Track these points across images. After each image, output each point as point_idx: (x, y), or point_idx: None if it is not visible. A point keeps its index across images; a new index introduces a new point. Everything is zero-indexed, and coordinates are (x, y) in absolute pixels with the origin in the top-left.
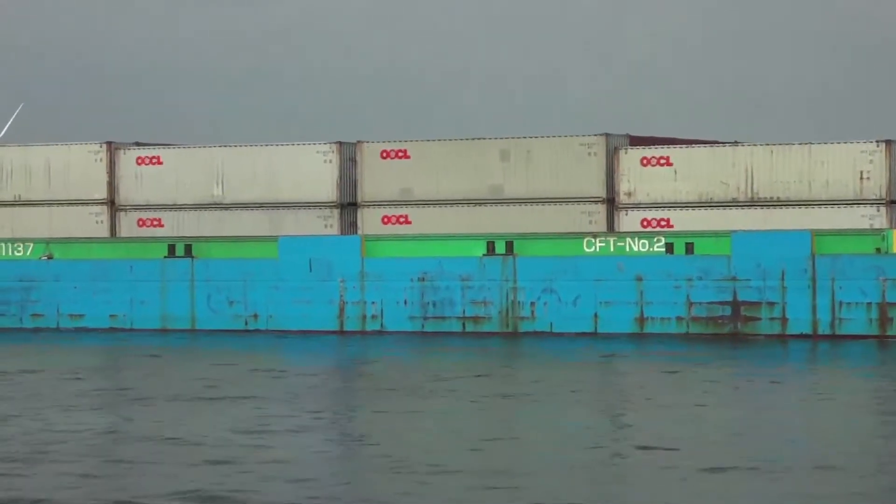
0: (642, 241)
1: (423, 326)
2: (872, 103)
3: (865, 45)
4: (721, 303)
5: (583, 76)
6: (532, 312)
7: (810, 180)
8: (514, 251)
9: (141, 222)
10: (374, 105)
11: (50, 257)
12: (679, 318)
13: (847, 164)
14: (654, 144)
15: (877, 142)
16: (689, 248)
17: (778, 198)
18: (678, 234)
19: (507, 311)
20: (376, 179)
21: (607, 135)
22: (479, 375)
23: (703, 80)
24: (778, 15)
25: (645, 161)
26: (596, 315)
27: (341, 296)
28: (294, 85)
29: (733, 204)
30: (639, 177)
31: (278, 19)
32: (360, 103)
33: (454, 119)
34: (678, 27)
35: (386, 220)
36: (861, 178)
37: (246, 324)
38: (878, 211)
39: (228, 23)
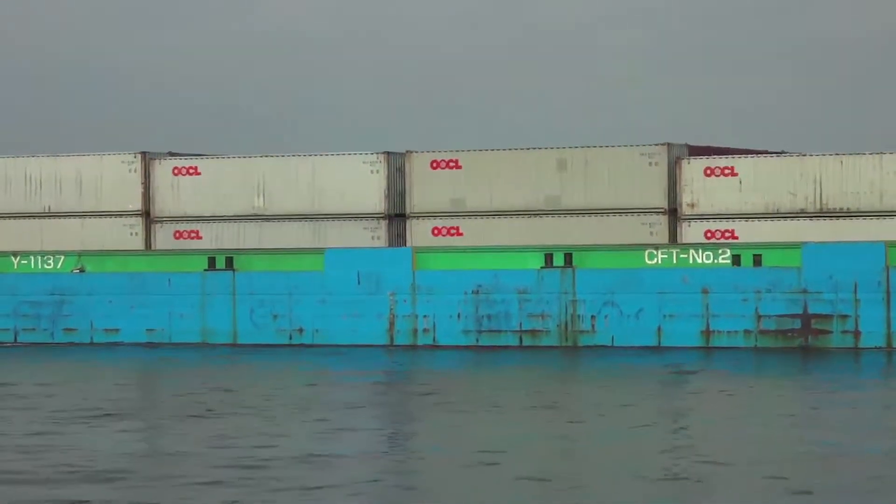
0: (707, 252)
1: (477, 340)
2: None
3: None
4: (791, 315)
5: (638, 85)
6: (592, 326)
7: (882, 190)
8: (574, 263)
9: (178, 234)
10: (422, 115)
11: (82, 270)
12: (747, 332)
13: None
14: (712, 154)
15: None
16: (757, 260)
17: (848, 209)
18: (745, 246)
19: (567, 324)
20: (426, 190)
21: (669, 144)
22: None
23: (759, 89)
24: (841, 23)
25: (708, 171)
26: (660, 328)
27: (391, 309)
28: (339, 94)
29: (801, 215)
30: (702, 187)
31: (322, 26)
32: (409, 113)
33: (507, 128)
34: (733, 35)
35: (436, 231)
36: None
37: (290, 338)
38: None
39: (268, 30)
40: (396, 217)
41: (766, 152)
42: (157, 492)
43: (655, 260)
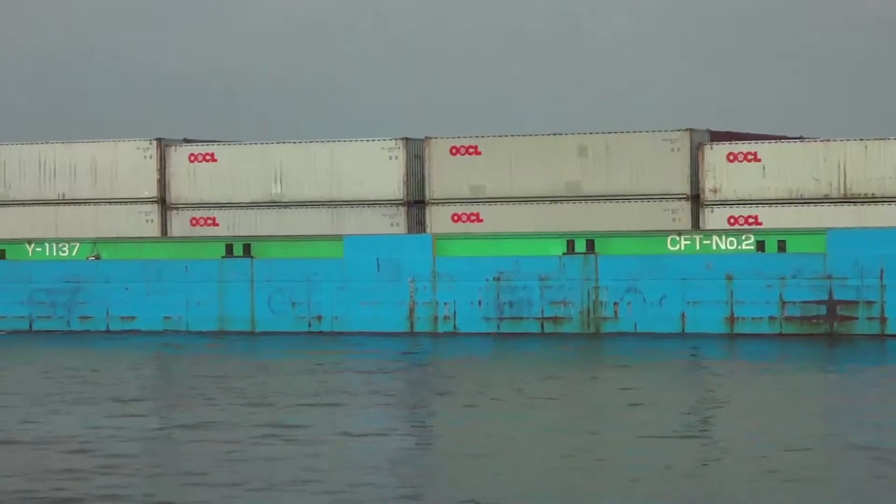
0: (730, 238)
1: (498, 327)
2: None
3: None
4: (816, 302)
5: (660, 70)
6: (615, 312)
7: None
8: (596, 250)
9: (194, 221)
10: (441, 100)
11: (97, 257)
12: (772, 318)
13: None
14: (733, 140)
15: None
16: (782, 246)
17: (873, 194)
18: (769, 232)
19: (589, 311)
20: (445, 176)
21: (691, 130)
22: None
23: (778, 73)
24: (863, 8)
25: (731, 157)
26: (683, 315)
27: (411, 296)
28: (357, 80)
29: (825, 200)
30: (725, 173)
31: (338, 12)
32: (427, 99)
33: (527, 114)
34: (754, 19)
35: (456, 217)
36: None
37: (310, 325)
38: None
39: (284, 15)
40: (415, 203)
41: (785, 138)
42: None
43: (678, 246)
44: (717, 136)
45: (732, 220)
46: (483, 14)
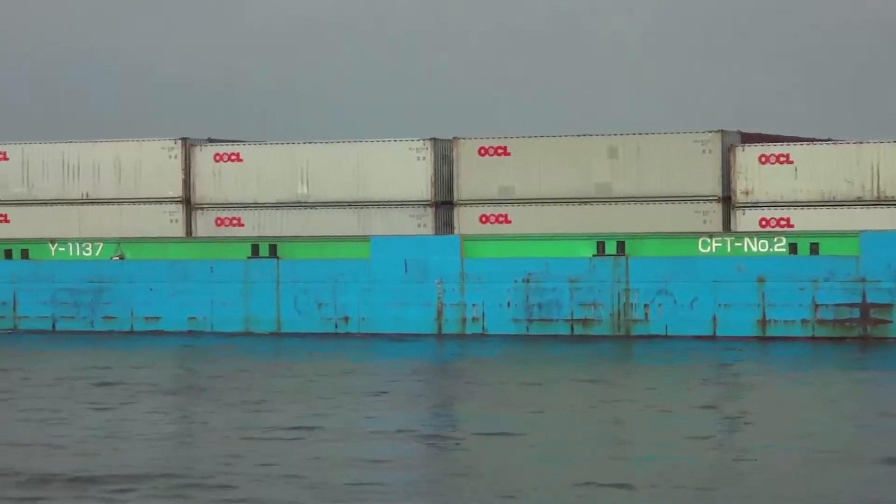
0: (762, 241)
1: (527, 329)
2: None
3: None
4: (849, 305)
5: (690, 71)
6: (646, 315)
7: None
8: (626, 251)
9: (219, 221)
10: (469, 101)
11: (122, 257)
12: (804, 321)
13: None
14: (763, 141)
15: None
16: (814, 249)
17: None
18: (801, 234)
19: (619, 313)
20: (474, 177)
21: (723, 131)
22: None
23: (807, 75)
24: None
25: (763, 159)
26: (714, 318)
27: (439, 297)
28: (383, 79)
29: (858, 203)
30: (756, 175)
31: (365, 12)
32: (455, 99)
33: (556, 115)
34: (787, 21)
35: (484, 219)
36: None
37: (336, 326)
38: None
39: (308, 14)
40: (443, 204)
41: (815, 140)
42: None
43: (709, 248)
44: (748, 138)
45: (764, 223)
46: (511, 15)
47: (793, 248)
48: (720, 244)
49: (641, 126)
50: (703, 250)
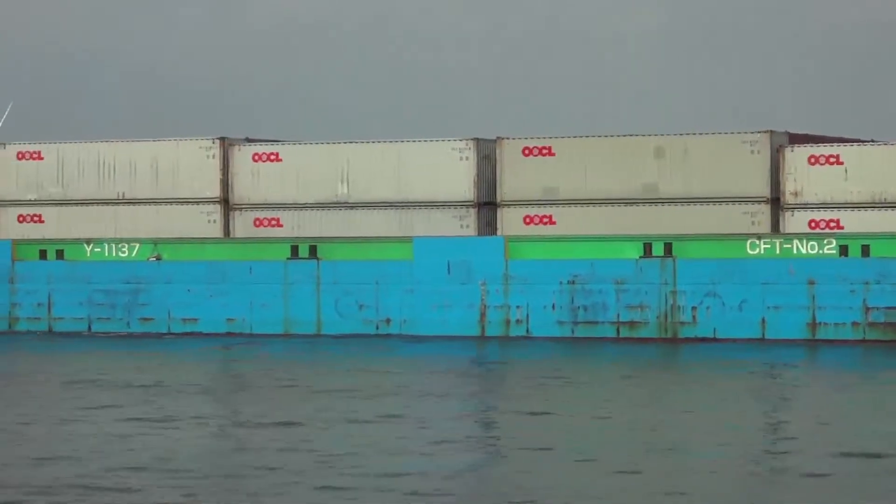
0: (811, 242)
1: (572, 332)
2: None
3: None
4: None
5: (734, 72)
6: (693, 317)
7: None
8: (673, 253)
9: (258, 222)
10: (513, 100)
11: (158, 258)
12: (855, 324)
13: None
14: (811, 142)
15: None
16: (865, 251)
17: None
18: (852, 236)
19: (666, 315)
20: (518, 178)
21: (772, 132)
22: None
23: (848, 76)
24: None
25: (812, 159)
26: (763, 320)
27: (483, 299)
28: (425, 78)
29: None
30: (806, 176)
31: (407, 9)
32: (499, 98)
33: (601, 115)
34: (832, 22)
35: (528, 220)
36: None
37: (377, 328)
38: None
39: (352, 12)
40: (486, 205)
41: (859, 141)
42: None
43: (758, 250)
44: (796, 139)
45: (813, 224)
46: (553, 14)
47: (843, 249)
48: (769, 246)
49: (688, 126)
50: (751, 252)
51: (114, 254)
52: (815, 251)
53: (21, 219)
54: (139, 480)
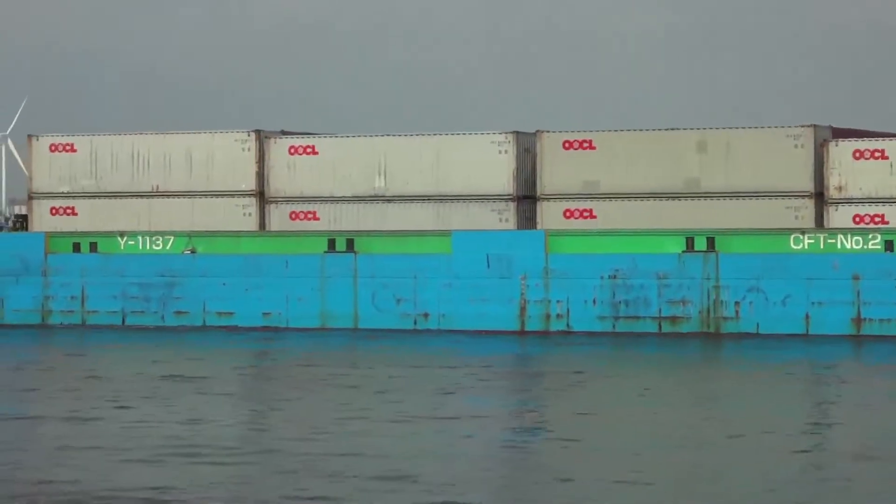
0: (856, 237)
1: (613, 327)
2: None
3: None
4: None
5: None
6: (736, 312)
7: None
8: (716, 247)
9: (294, 215)
10: (553, 93)
11: (193, 251)
12: None
13: None
14: (855, 136)
15: None
16: None
17: None
18: None
19: (709, 310)
20: (558, 171)
21: (815, 126)
22: None
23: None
24: None
25: (857, 154)
26: (807, 316)
27: (523, 294)
28: (464, 71)
29: None
30: (850, 170)
31: (452, 7)
32: (538, 91)
33: (643, 108)
34: (871, 19)
35: (568, 213)
36: None
37: (415, 323)
38: None
39: (388, 5)
40: (525, 199)
41: (893, 135)
42: None
43: (802, 245)
44: (839, 133)
45: (858, 219)
46: (599, 8)
47: (888, 245)
48: (813, 241)
49: (730, 120)
50: (794, 247)
51: (148, 247)
52: (859, 246)
53: (54, 211)
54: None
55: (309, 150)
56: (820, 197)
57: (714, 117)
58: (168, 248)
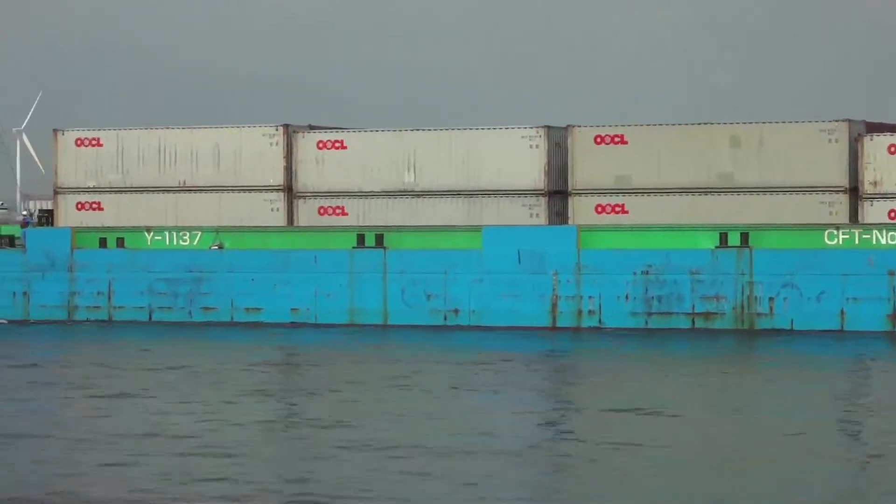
0: (892, 233)
1: (646, 323)
2: None
3: None
4: None
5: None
6: (770, 308)
7: None
8: (750, 243)
9: (322, 210)
10: (584, 87)
11: (221, 247)
12: None
13: None
14: (888, 131)
15: None
16: None
17: None
18: None
19: (743, 306)
20: (589, 166)
21: (850, 121)
22: None
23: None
24: None
25: (893, 148)
26: (842, 312)
27: (554, 289)
28: (494, 65)
29: None
30: (885, 165)
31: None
32: (569, 85)
33: (675, 103)
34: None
35: (600, 209)
36: None
37: (445, 319)
38: None
39: (421, 7)
40: (556, 194)
41: None
42: None
43: (836, 240)
44: (873, 128)
45: (893, 214)
46: (622, 4)
47: None
48: (847, 236)
49: (764, 114)
50: (829, 242)
51: (175, 242)
52: (894, 242)
53: (80, 206)
54: None
55: (337, 144)
56: (854, 192)
57: (746, 111)
58: (195, 243)
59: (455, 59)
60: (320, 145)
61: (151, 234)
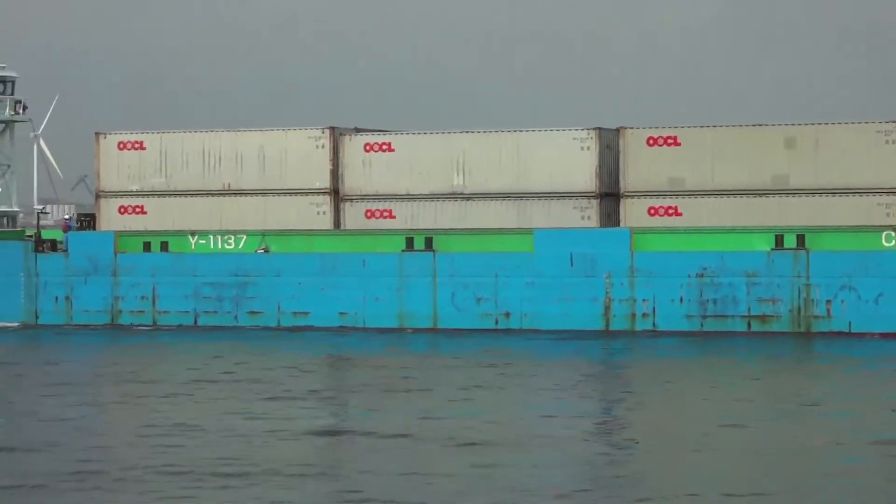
0: None
1: (701, 326)
2: None
3: None
4: None
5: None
6: (828, 311)
7: None
8: (806, 245)
9: (369, 213)
10: (636, 89)
11: (266, 250)
12: None
13: None
14: None
15: None
16: None
17: None
18: None
19: (800, 309)
20: (642, 168)
21: None
22: None
23: None
24: None
25: None
26: None
27: (607, 293)
28: (545, 67)
29: None
30: None
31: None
32: (621, 87)
33: (729, 104)
34: None
35: (653, 211)
36: None
37: (496, 322)
38: None
39: (461, 11)
40: (607, 196)
41: None
42: None
43: (893, 242)
44: None
45: None
46: (678, 4)
47: None
48: None
49: (819, 116)
50: (887, 244)
51: (219, 246)
52: None
53: (122, 210)
54: None
55: (385, 146)
56: None
57: (801, 112)
58: (240, 247)
59: (502, 61)
60: (367, 148)
61: (196, 237)
